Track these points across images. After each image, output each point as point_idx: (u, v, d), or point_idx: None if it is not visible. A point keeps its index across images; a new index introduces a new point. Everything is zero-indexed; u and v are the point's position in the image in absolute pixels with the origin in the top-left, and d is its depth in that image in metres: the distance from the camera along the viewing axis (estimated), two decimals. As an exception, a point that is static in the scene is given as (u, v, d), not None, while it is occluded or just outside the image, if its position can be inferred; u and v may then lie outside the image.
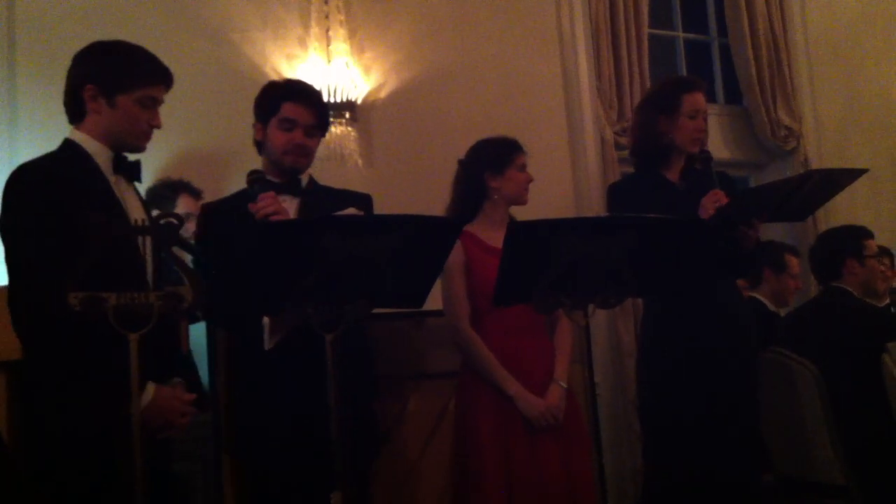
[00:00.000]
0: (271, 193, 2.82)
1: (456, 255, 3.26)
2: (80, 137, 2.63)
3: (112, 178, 2.64)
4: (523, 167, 3.43)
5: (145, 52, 2.69)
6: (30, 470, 2.46)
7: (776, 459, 3.91)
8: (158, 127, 2.69)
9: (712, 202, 3.25)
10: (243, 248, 2.53)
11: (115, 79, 2.61)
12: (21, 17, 4.15)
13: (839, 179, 3.42)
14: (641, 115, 3.67)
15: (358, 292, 2.36)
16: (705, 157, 3.42)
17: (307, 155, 3.03)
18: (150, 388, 2.52)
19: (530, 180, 3.44)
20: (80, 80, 2.63)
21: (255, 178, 2.89)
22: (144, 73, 2.64)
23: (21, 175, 2.54)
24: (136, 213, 2.65)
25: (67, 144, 2.64)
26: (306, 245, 2.29)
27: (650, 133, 3.52)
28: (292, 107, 2.99)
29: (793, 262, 4.86)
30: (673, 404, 3.38)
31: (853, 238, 4.31)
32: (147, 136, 2.69)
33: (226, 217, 2.92)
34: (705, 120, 3.50)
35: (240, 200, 2.97)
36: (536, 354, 3.34)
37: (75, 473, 2.44)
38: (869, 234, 4.35)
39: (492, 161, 3.42)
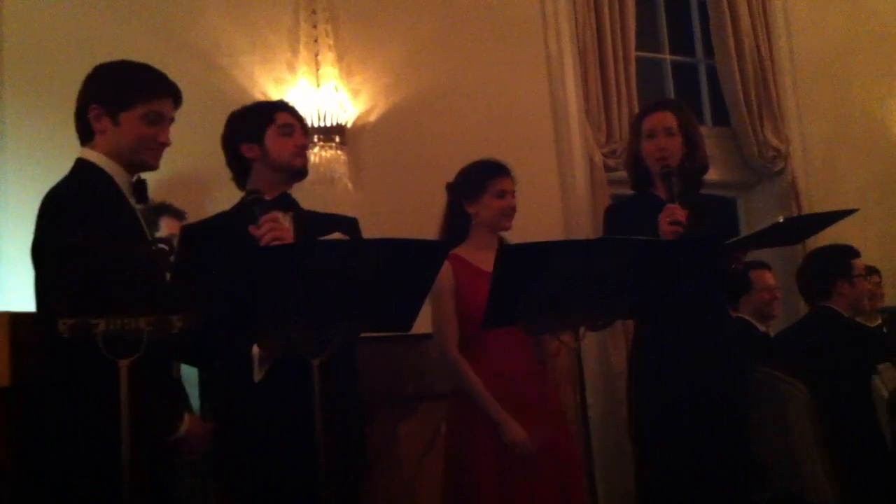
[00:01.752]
0: (274, 215, 2.80)
1: (445, 279, 3.26)
2: (94, 157, 2.62)
3: (133, 204, 2.66)
4: (502, 193, 3.40)
5: (148, 69, 2.68)
6: (24, 496, 2.46)
7: (768, 479, 3.91)
8: (166, 143, 2.68)
9: (666, 219, 3.26)
10: (232, 273, 2.50)
11: (117, 96, 2.61)
12: (10, 41, 4.16)
13: (826, 220, 3.45)
14: (628, 141, 3.77)
15: (344, 316, 2.35)
16: (665, 172, 3.43)
17: (307, 158, 3.08)
18: (188, 418, 2.61)
19: (508, 206, 3.41)
20: (84, 101, 2.64)
21: (254, 198, 2.84)
22: (146, 89, 2.63)
23: (53, 203, 2.53)
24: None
25: (83, 165, 2.62)
26: (294, 269, 2.28)
27: (631, 156, 3.65)
28: (284, 114, 3.03)
29: (758, 275, 4.77)
30: (661, 425, 3.38)
31: (841, 258, 4.33)
32: (156, 153, 2.68)
33: (209, 240, 2.88)
34: (680, 134, 3.51)
35: (222, 222, 2.97)
36: (526, 376, 3.33)
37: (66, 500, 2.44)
38: (856, 254, 4.37)
39: (468, 187, 3.44)
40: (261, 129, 2.99)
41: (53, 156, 2.78)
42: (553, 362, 3.46)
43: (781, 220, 3.08)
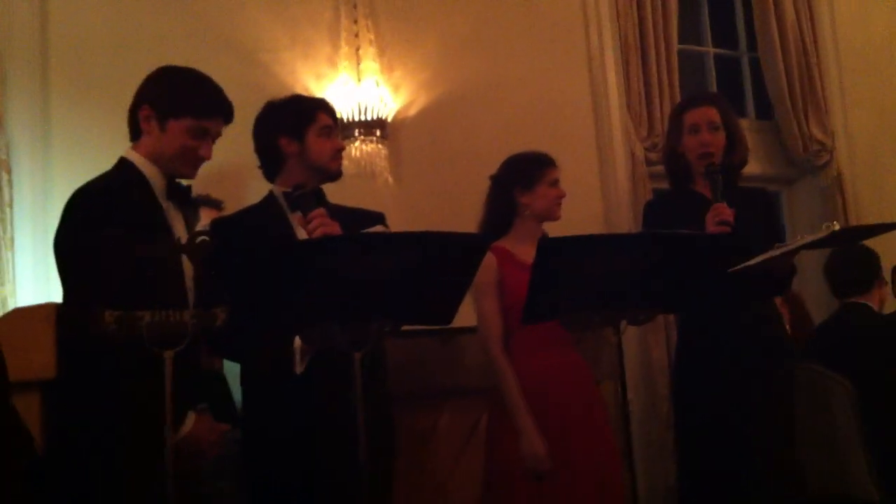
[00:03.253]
0: (322, 210, 2.80)
1: (489, 272, 3.25)
2: (136, 158, 2.66)
3: (165, 204, 2.67)
4: (555, 182, 3.40)
5: (209, 83, 2.70)
6: (60, 489, 2.48)
7: (810, 477, 3.86)
8: (206, 158, 2.70)
9: (713, 219, 3.22)
10: (272, 268, 2.49)
11: (169, 103, 2.63)
12: (54, 40, 4.20)
13: (878, 229, 3.40)
14: (666, 137, 3.72)
15: (385, 309, 2.36)
16: (711, 170, 3.39)
17: (342, 161, 3.09)
18: (191, 417, 2.56)
19: (562, 196, 3.41)
20: (139, 99, 2.67)
21: (303, 192, 2.84)
22: (199, 104, 2.65)
23: (80, 199, 2.55)
24: (183, 236, 2.66)
25: (124, 164, 2.66)
26: (339, 262, 2.28)
27: (669, 154, 3.59)
28: (325, 115, 3.05)
29: None
30: (703, 422, 3.34)
31: (878, 259, 4.30)
32: (194, 165, 2.70)
33: (240, 234, 2.89)
34: (717, 130, 3.46)
35: (253, 215, 2.98)
36: (565, 371, 3.31)
37: (106, 494, 2.46)
38: None
39: (522, 177, 3.41)
40: (303, 126, 3.00)
41: (98, 151, 2.81)
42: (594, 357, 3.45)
43: (837, 229, 3.02)
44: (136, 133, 2.68)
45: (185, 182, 2.74)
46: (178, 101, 2.63)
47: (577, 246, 2.62)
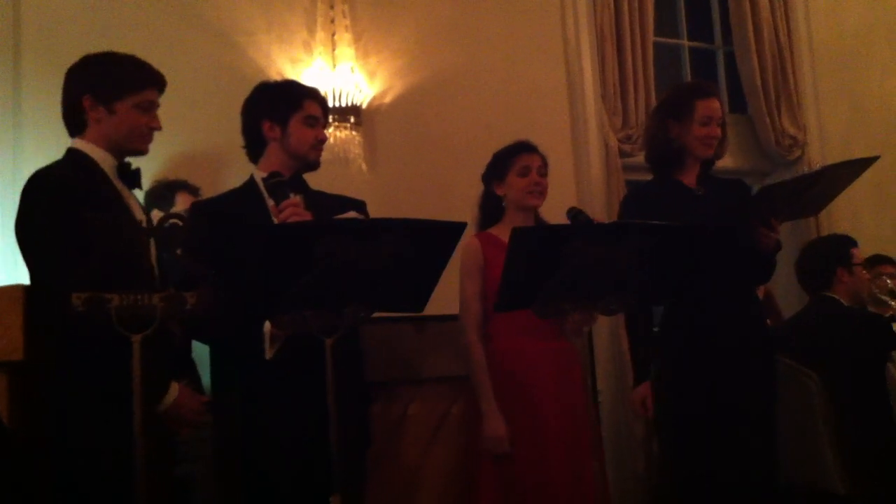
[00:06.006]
0: (296, 200, 2.80)
1: (474, 255, 3.31)
2: (83, 146, 2.71)
3: (119, 185, 2.72)
4: (525, 170, 3.41)
5: (136, 60, 2.77)
6: (33, 469, 2.48)
7: (780, 469, 3.89)
8: (158, 129, 2.77)
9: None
10: (247, 252, 2.49)
11: (111, 87, 2.70)
12: (26, 20, 4.14)
13: (852, 171, 3.39)
14: (654, 120, 3.68)
15: (358, 296, 2.36)
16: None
17: (321, 152, 3.09)
18: (175, 387, 2.61)
19: (533, 182, 3.42)
20: (77, 92, 2.72)
21: (277, 181, 2.85)
22: (138, 79, 2.73)
23: (37, 182, 2.61)
24: (139, 218, 2.71)
25: (72, 153, 2.71)
26: (312, 248, 2.28)
27: (662, 138, 3.52)
28: (314, 104, 3.04)
29: None
30: (688, 413, 3.31)
31: (840, 247, 4.31)
32: (147, 139, 2.77)
33: (219, 218, 2.88)
34: (721, 126, 3.49)
35: (232, 200, 2.97)
36: (548, 356, 3.33)
37: (78, 474, 2.46)
38: (854, 243, 4.35)
39: (494, 169, 3.46)
40: (287, 112, 3.00)
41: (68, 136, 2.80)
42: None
43: (821, 168, 3.02)
44: (78, 125, 2.73)
45: (133, 164, 2.79)
46: (117, 82, 2.70)
47: (548, 235, 2.63)
